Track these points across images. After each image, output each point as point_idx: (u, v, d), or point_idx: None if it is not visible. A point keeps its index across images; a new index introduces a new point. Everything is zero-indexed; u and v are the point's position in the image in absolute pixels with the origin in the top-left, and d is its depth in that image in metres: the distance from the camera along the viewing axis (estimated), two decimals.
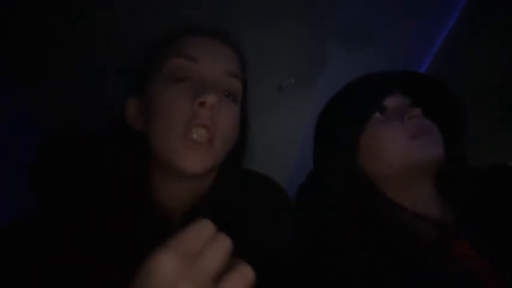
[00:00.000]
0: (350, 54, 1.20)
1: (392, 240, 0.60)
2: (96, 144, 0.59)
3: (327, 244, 0.63)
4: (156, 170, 0.58)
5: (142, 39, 0.65)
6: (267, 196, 0.65)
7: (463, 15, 1.16)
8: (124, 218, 0.51)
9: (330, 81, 0.84)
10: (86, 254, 0.43)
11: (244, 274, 0.35)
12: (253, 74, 0.70)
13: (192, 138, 0.53)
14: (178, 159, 0.53)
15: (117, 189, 0.54)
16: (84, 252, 0.43)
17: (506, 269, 0.55)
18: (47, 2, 0.71)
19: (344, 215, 0.65)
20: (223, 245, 0.36)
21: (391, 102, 0.70)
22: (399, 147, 0.64)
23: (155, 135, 0.56)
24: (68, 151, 0.59)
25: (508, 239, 0.57)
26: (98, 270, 0.44)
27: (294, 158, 1.34)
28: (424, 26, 1.24)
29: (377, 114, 0.69)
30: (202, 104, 0.53)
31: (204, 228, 0.36)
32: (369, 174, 0.68)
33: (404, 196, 0.65)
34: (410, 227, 0.62)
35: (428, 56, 1.31)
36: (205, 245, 0.35)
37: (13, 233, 0.49)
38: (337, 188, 0.68)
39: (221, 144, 0.57)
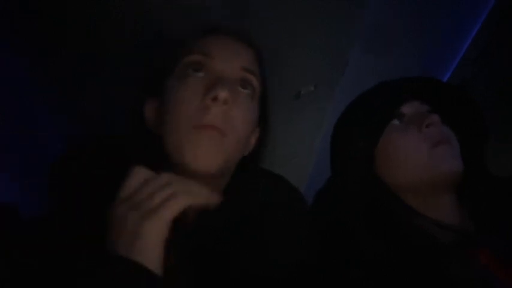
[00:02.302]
0: (371, 61, 1.19)
1: (410, 247, 0.59)
2: (117, 147, 0.60)
3: (343, 251, 0.62)
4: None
5: (161, 41, 0.66)
6: (283, 200, 0.65)
7: (486, 23, 1.13)
8: None
9: (350, 88, 0.83)
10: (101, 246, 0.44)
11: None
12: (272, 80, 0.70)
13: (203, 126, 0.53)
14: (187, 155, 0.52)
15: None
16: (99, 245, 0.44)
17: None
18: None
19: (361, 222, 0.64)
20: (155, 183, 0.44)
21: (408, 108, 0.69)
22: (418, 158, 0.63)
23: (167, 131, 0.55)
24: (91, 153, 0.60)
25: None
26: None
27: (312, 165, 1.34)
28: (447, 32, 1.22)
29: (394, 121, 0.68)
30: (214, 99, 0.52)
31: (137, 174, 0.45)
32: (386, 181, 0.67)
33: (422, 204, 0.64)
34: (430, 234, 0.61)
35: (451, 63, 1.28)
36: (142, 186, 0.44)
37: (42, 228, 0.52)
38: (353, 195, 0.67)
39: (234, 140, 0.55)
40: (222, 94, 0.51)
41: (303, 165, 1.32)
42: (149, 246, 0.39)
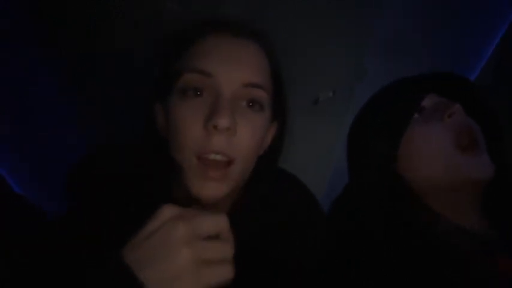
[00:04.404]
0: (390, 67, 1.18)
1: (430, 252, 0.57)
2: (132, 154, 0.59)
3: (361, 257, 0.60)
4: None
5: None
6: (298, 204, 0.64)
7: (509, 31, 1.11)
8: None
9: (369, 94, 0.82)
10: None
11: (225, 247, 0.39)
12: (290, 86, 0.69)
13: (208, 158, 0.51)
14: (194, 186, 0.51)
15: (147, 194, 0.53)
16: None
17: None
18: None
19: (380, 226, 0.62)
20: (217, 218, 0.40)
21: (428, 101, 0.65)
22: (443, 150, 0.60)
23: (173, 154, 0.54)
24: (107, 161, 0.60)
25: None
26: None
27: (331, 171, 1.32)
28: (468, 38, 1.20)
29: (415, 116, 0.64)
30: (215, 128, 0.50)
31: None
32: (408, 182, 0.64)
33: (445, 207, 0.62)
34: (451, 239, 0.59)
35: (473, 68, 1.26)
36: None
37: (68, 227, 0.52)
38: (373, 198, 0.65)
39: (242, 164, 0.54)
40: (222, 123, 0.49)
41: (321, 171, 1.31)
42: None
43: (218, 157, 0.51)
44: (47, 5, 0.68)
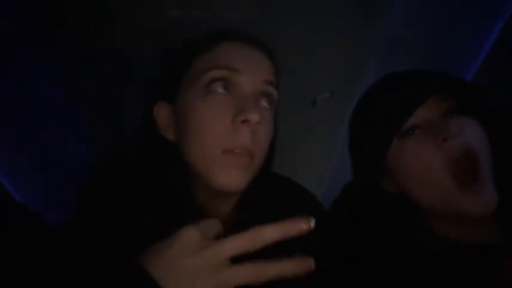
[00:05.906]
0: (389, 68, 1.18)
1: (432, 253, 0.56)
2: (138, 159, 0.60)
3: (361, 257, 0.60)
4: (192, 181, 0.58)
5: (171, 43, 0.66)
6: (299, 205, 0.65)
7: (504, 31, 1.12)
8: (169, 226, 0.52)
9: None
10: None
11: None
12: (288, 87, 0.69)
13: (234, 152, 0.53)
14: (218, 177, 0.53)
15: (163, 201, 0.55)
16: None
17: None
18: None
19: (380, 227, 0.62)
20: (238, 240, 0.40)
21: (423, 113, 0.59)
22: (438, 184, 0.56)
23: (193, 150, 0.55)
24: (117, 169, 0.60)
25: None
26: None
27: (330, 172, 1.32)
28: (465, 40, 1.21)
29: (407, 131, 0.59)
30: (244, 122, 0.52)
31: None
32: (398, 191, 0.62)
33: (444, 220, 0.60)
34: (450, 251, 0.58)
35: (470, 71, 1.27)
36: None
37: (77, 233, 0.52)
38: (371, 199, 0.65)
39: (260, 159, 0.57)
40: (254, 117, 0.52)
41: (320, 173, 1.31)
42: None
43: (243, 151, 0.53)
44: (47, 5, 0.69)
